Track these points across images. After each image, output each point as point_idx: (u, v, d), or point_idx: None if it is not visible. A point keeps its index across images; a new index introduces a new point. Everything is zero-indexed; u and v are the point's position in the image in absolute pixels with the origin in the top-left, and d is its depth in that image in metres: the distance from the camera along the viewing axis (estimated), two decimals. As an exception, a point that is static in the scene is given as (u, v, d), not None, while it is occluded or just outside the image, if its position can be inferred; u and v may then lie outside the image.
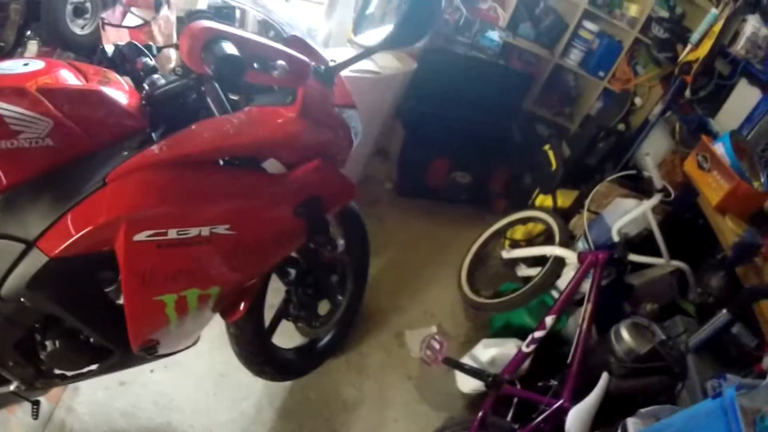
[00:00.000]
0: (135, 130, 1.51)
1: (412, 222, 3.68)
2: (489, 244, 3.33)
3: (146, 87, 1.61)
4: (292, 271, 2.24)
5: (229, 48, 1.42)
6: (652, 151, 3.01)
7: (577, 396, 2.11)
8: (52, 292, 1.44)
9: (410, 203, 3.81)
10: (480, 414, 2.18)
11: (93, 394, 2.53)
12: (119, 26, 3.05)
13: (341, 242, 1.92)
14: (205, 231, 1.53)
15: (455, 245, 3.40)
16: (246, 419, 2.56)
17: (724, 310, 2.24)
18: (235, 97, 1.77)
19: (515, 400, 2.28)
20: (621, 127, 3.68)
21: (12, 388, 1.72)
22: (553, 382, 2.25)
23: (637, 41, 3.91)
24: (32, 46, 3.40)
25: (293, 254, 2.19)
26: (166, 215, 1.46)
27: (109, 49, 1.66)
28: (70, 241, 1.36)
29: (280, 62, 1.57)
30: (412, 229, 3.63)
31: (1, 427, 2.35)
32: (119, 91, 1.52)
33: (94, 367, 1.80)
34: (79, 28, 3.57)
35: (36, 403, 1.92)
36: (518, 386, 2.32)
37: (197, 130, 1.51)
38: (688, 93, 3.21)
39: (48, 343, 1.61)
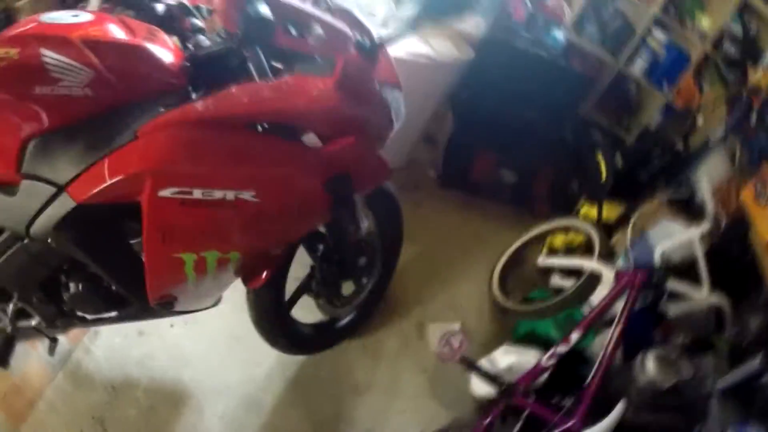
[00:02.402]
0: (174, 88, 1.54)
1: (450, 213, 3.62)
2: (527, 247, 3.26)
3: (190, 47, 1.63)
4: (320, 247, 2.22)
5: (262, 8, 1.46)
6: (708, 176, 2.88)
7: (589, 420, 2.03)
8: (77, 237, 1.51)
9: (451, 194, 3.74)
10: (487, 420, 2.15)
11: (111, 340, 2.61)
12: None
13: (365, 223, 1.90)
14: (230, 195, 1.55)
15: (492, 243, 3.34)
16: (254, 385, 2.60)
17: (759, 358, 2.14)
18: (279, 65, 1.75)
19: (526, 412, 2.22)
20: (679, 145, 3.53)
21: (34, 323, 1.82)
22: (567, 402, 2.18)
23: (706, 57, 3.71)
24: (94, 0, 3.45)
25: (322, 230, 2.18)
26: (193, 174, 1.49)
27: (160, 7, 1.66)
28: (98, 189, 1.41)
29: (317, 29, 1.59)
30: (449, 220, 3.57)
31: (23, 359, 2.43)
32: (163, 49, 1.54)
33: (113, 314, 1.86)
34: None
35: (54, 341, 2.01)
36: (532, 399, 2.26)
37: (232, 92, 1.51)
38: (754, 118, 3.06)
39: (71, 285, 1.69)
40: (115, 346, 2.61)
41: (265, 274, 2.00)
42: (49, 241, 1.49)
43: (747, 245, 2.70)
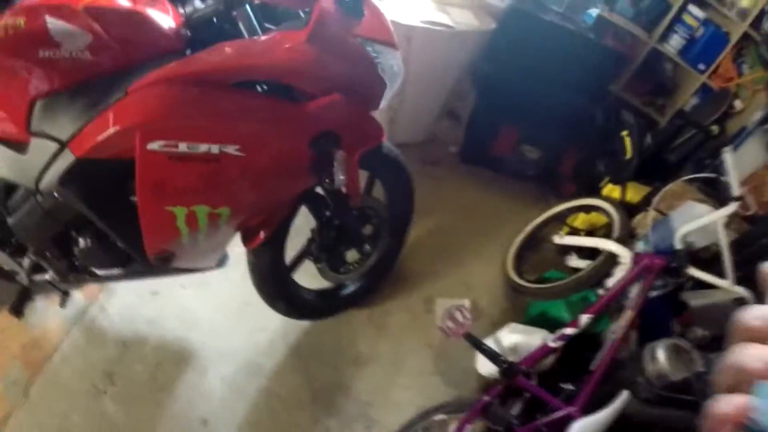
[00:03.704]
0: (172, 51, 1.64)
1: (470, 189, 3.56)
2: (546, 226, 3.18)
3: (187, 11, 1.75)
4: (324, 211, 2.27)
5: None
6: (742, 161, 2.73)
7: (592, 408, 1.93)
8: (79, 190, 1.61)
9: (472, 170, 3.68)
10: (484, 399, 2.07)
11: (125, 298, 2.76)
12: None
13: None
14: (215, 149, 1.62)
15: (510, 222, 3.28)
16: (257, 350, 2.66)
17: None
18: (272, 27, 1.83)
19: (528, 395, 2.14)
20: (714, 129, 3.37)
21: (48, 277, 2.00)
22: (570, 387, 2.10)
23: (747, 36, 3.52)
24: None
25: (323, 195, 2.21)
26: (177, 127, 1.56)
27: None
28: (93, 144, 1.52)
29: None
30: (469, 196, 3.52)
31: (41, 314, 2.59)
32: (162, 14, 1.66)
33: (120, 270, 2.00)
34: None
35: (66, 294, 2.20)
36: (534, 381, 2.18)
37: (215, 50, 1.59)
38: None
39: (81, 240, 1.84)
40: (129, 304, 2.74)
41: (262, 234, 2.08)
42: (56, 195, 1.62)
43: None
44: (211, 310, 2.77)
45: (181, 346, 2.61)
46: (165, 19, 1.65)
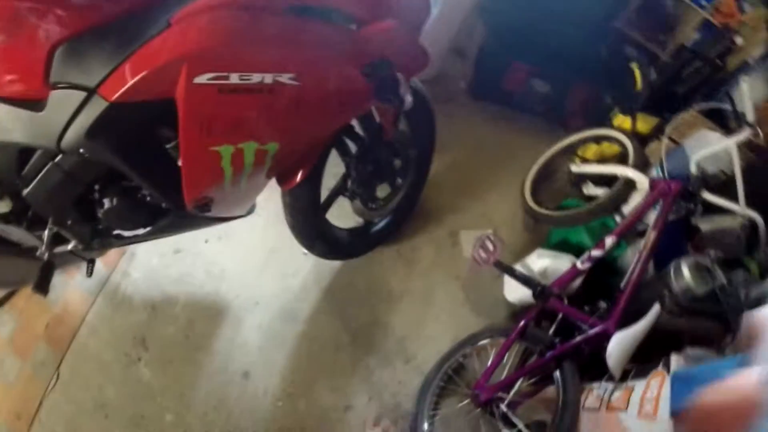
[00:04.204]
0: None
1: (482, 125, 3.59)
2: (558, 158, 3.21)
3: None
4: (354, 147, 2.23)
5: None
6: (748, 92, 2.80)
7: (623, 324, 2.05)
8: (112, 140, 1.46)
9: (483, 106, 3.70)
10: (522, 322, 2.18)
11: (148, 261, 2.70)
12: None
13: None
14: (269, 78, 1.51)
15: (523, 155, 3.31)
16: (290, 294, 2.66)
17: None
18: None
19: (559, 317, 2.24)
20: (717, 64, 3.43)
21: (70, 247, 1.82)
22: (602, 305, 2.20)
23: (750, -28, 3.52)
24: None
25: (358, 130, 2.19)
26: (229, 57, 1.44)
27: None
28: (131, 83, 1.36)
29: None
30: (481, 131, 3.55)
31: (60, 288, 2.56)
32: None
33: (148, 228, 1.88)
34: None
35: (91, 262, 2.03)
36: (566, 303, 2.28)
37: None
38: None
39: (106, 200, 1.68)
40: (152, 266, 2.70)
41: (300, 173, 2.00)
42: (81, 151, 1.46)
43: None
44: (238, 261, 2.75)
45: (211, 301, 2.60)
46: None
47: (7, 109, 1.41)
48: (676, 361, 1.83)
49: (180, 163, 1.59)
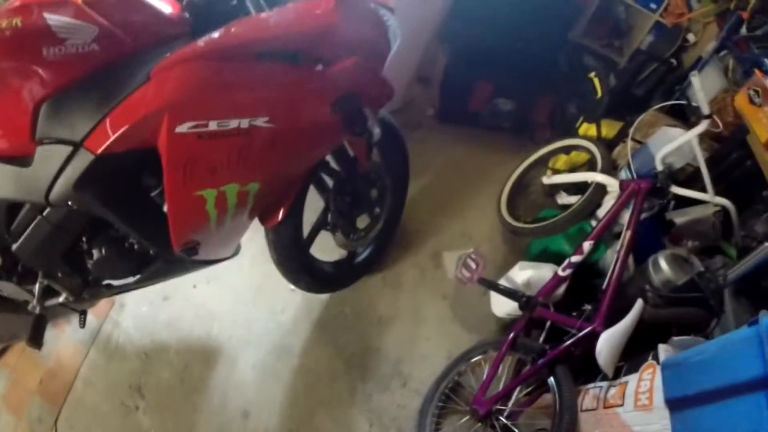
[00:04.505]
0: (177, 35, 1.60)
1: (452, 147, 3.65)
2: (530, 171, 3.28)
3: None
4: (331, 182, 2.28)
5: None
6: (704, 85, 2.90)
7: (610, 322, 2.10)
8: (99, 191, 1.53)
9: (451, 129, 3.76)
10: (512, 334, 2.21)
11: (138, 309, 2.70)
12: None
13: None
14: (245, 123, 1.59)
15: (495, 172, 3.38)
16: (282, 330, 2.67)
17: (767, 243, 2.21)
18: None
19: (547, 324, 2.30)
20: (673, 61, 3.54)
21: (61, 299, 1.86)
22: (587, 307, 2.25)
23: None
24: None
25: (333, 165, 2.24)
26: (207, 106, 1.51)
27: None
28: (116, 135, 1.43)
29: None
30: (452, 154, 3.61)
31: (52, 342, 2.54)
32: (161, 0, 1.63)
33: (137, 276, 1.92)
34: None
35: (83, 313, 2.09)
36: (552, 310, 2.34)
37: (236, 24, 1.57)
38: (744, 30, 3.06)
39: (94, 251, 1.73)
40: (142, 314, 2.70)
41: (281, 210, 2.06)
42: (70, 204, 1.52)
43: (746, 152, 2.73)
44: (227, 302, 2.76)
45: (204, 344, 2.60)
46: (164, 5, 1.62)
47: None
48: (664, 351, 1.88)
49: (166, 209, 1.64)
